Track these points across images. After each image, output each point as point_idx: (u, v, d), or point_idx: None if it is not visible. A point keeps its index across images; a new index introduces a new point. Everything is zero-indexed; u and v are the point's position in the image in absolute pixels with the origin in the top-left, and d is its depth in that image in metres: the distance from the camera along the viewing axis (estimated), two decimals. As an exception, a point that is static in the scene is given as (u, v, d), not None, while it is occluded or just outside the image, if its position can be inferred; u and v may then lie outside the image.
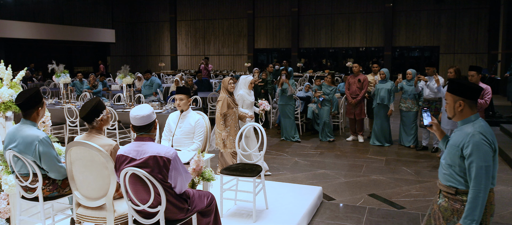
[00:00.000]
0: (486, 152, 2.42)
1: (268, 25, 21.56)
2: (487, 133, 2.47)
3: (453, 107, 2.59)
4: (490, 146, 2.43)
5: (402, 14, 19.19)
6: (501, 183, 5.70)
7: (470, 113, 2.55)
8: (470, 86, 2.53)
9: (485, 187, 2.41)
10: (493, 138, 2.48)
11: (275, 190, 4.98)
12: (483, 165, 2.40)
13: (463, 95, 2.54)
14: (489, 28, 17.62)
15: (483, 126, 2.49)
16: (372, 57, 20.71)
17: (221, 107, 5.52)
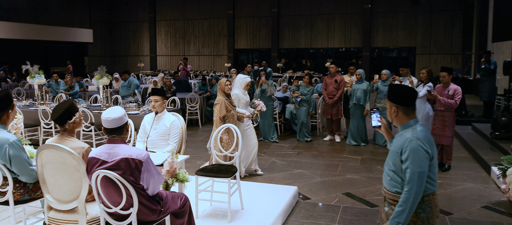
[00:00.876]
0: (422, 158, 2.42)
1: (248, 25, 21.60)
2: (424, 138, 2.46)
3: (390, 112, 2.62)
4: (426, 152, 2.43)
5: (380, 15, 19.52)
6: (471, 180, 5.89)
7: (406, 119, 2.55)
8: (402, 93, 2.53)
9: (416, 193, 2.40)
10: (430, 144, 2.48)
11: (251, 190, 5.02)
12: (417, 170, 2.40)
13: (395, 101, 2.55)
14: (463, 29, 18.09)
15: (422, 131, 2.49)
16: (351, 57, 21.00)
17: (220, 110, 5.44)
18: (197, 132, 9.56)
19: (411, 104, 2.54)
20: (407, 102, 2.53)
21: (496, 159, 6.25)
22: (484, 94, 10.29)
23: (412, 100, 2.54)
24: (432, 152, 2.48)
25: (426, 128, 2.56)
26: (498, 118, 7.65)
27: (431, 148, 2.48)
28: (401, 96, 2.53)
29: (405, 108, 2.54)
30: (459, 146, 8.02)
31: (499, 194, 5.29)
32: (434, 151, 2.50)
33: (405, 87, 2.56)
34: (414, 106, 2.55)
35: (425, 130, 2.51)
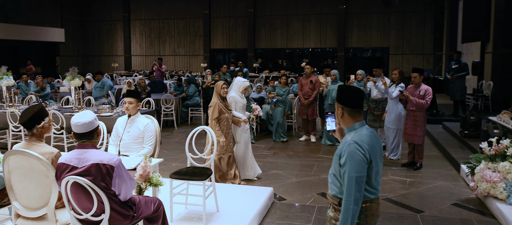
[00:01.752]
0: (359, 162, 2.30)
1: (225, 25, 21.54)
2: (363, 142, 2.34)
3: (336, 114, 2.52)
4: (364, 156, 2.31)
5: (355, 16, 19.81)
6: (441, 178, 6.05)
7: (351, 121, 2.45)
8: (348, 94, 2.44)
9: (356, 199, 2.29)
10: (372, 148, 2.35)
11: (226, 192, 5.01)
12: (354, 175, 2.29)
13: (341, 102, 2.45)
14: (434, 30, 18.58)
15: (363, 135, 2.38)
16: (326, 57, 21.25)
17: (212, 112, 5.37)
18: (172, 133, 9.46)
19: (357, 106, 2.43)
20: (353, 103, 2.42)
21: (465, 157, 6.44)
22: (456, 93, 10.58)
23: (358, 102, 2.43)
24: (371, 157, 2.35)
25: (373, 131, 2.45)
26: (467, 117, 7.89)
27: (372, 152, 2.35)
28: (347, 98, 2.43)
29: (351, 110, 2.44)
30: (430, 145, 8.23)
31: (468, 191, 5.45)
32: (376, 155, 2.37)
33: (353, 88, 2.45)
34: (360, 109, 2.44)
35: (369, 134, 2.39)
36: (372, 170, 2.37)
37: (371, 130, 2.45)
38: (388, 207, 4.94)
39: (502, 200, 4.68)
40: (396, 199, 5.20)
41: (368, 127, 2.46)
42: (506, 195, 4.63)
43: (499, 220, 4.49)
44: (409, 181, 5.94)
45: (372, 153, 2.36)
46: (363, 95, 2.45)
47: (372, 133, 2.44)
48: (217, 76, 9.88)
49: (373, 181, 2.39)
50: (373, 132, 2.46)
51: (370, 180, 2.38)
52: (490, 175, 4.75)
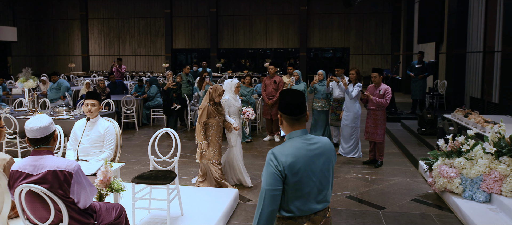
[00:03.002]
0: (270, 175, 2.11)
1: (187, 25, 21.28)
2: (282, 154, 2.13)
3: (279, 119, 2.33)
4: (276, 168, 2.10)
5: (316, 17, 20.13)
6: (401, 175, 6.25)
7: (289, 129, 2.25)
8: (287, 101, 2.23)
9: (266, 213, 2.11)
10: (292, 161, 2.11)
11: (191, 195, 4.93)
12: (265, 188, 2.11)
13: (280, 109, 2.27)
14: (392, 31, 19.22)
15: (288, 146, 2.17)
16: (289, 57, 21.47)
17: (200, 116, 5.12)
18: (133, 136, 9.22)
19: (294, 113, 2.21)
20: (290, 111, 2.22)
21: (423, 154, 6.69)
22: (418, 93, 10.96)
23: (297, 109, 2.21)
24: (288, 171, 2.11)
25: (309, 144, 2.20)
26: (424, 115, 8.19)
27: (291, 167, 2.11)
28: (285, 104, 2.23)
29: (288, 118, 2.23)
30: (390, 142, 8.48)
31: (427, 187, 5.66)
32: (300, 172, 2.13)
33: (293, 94, 2.25)
34: (299, 116, 2.22)
35: (298, 147, 2.16)
36: (290, 186, 2.13)
37: (307, 143, 2.19)
38: (351, 205, 5.03)
39: (458, 194, 4.89)
40: (359, 197, 5.31)
41: (307, 138, 2.22)
42: (461, 189, 4.84)
43: (455, 214, 4.69)
44: (371, 178, 6.09)
45: (291, 168, 2.11)
46: (302, 102, 2.23)
47: (306, 145, 2.18)
48: (179, 78, 9.71)
49: (290, 200, 2.14)
50: (310, 145, 2.19)
51: (286, 197, 2.15)
52: (446, 170, 4.94)
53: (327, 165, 2.24)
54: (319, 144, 2.23)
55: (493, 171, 4.66)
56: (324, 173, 2.22)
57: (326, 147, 2.26)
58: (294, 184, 2.13)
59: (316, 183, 2.18)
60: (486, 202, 4.68)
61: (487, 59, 10.21)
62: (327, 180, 2.25)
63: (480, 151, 4.85)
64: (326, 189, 2.24)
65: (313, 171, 2.17)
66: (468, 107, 10.50)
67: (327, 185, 2.25)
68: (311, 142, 2.22)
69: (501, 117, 7.54)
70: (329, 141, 2.30)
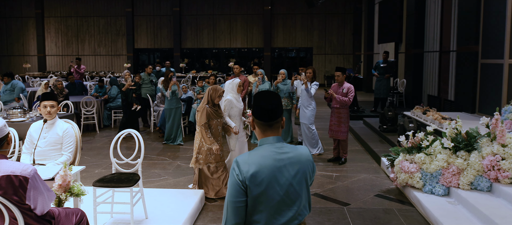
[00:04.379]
0: (232, 185, 1.91)
1: (149, 24, 20.86)
2: (245, 163, 1.91)
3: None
4: (237, 179, 1.90)
5: (280, 17, 20.29)
6: (364, 171, 6.38)
7: (260, 135, 2.03)
8: (258, 105, 2.01)
9: None
10: (256, 171, 1.89)
11: (155, 197, 4.82)
12: (227, 199, 1.92)
13: (253, 113, 2.04)
14: (354, 31, 19.67)
15: (254, 155, 1.95)
16: (253, 57, 21.51)
17: (200, 118, 4.84)
18: (94, 138, 8.92)
19: (266, 119, 1.99)
20: (261, 115, 2.00)
21: (385, 151, 6.87)
22: (382, 91, 11.26)
23: (268, 115, 1.99)
24: (250, 182, 1.89)
25: (278, 153, 1.95)
26: (385, 112, 8.43)
27: (253, 177, 1.89)
28: (256, 108, 2.02)
29: (260, 123, 2.01)
30: (353, 140, 8.66)
31: (389, 182, 5.81)
32: (264, 184, 1.89)
33: (265, 97, 2.01)
34: (272, 123, 1.99)
35: (265, 155, 1.93)
36: (252, 199, 1.90)
37: (276, 152, 1.96)
38: (317, 202, 5.09)
39: (418, 188, 5.05)
40: (324, 194, 5.37)
41: (278, 146, 1.98)
42: (422, 184, 5.00)
43: (416, 207, 4.84)
44: (335, 175, 6.19)
45: (254, 178, 1.89)
46: (277, 107, 2.00)
47: (274, 154, 1.95)
48: (137, 77, 9.42)
49: (253, 214, 1.92)
50: (279, 154, 1.95)
51: (249, 211, 1.92)
52: (407, 166, 5.10)
53: (299, 177, 1.96)
54: (292, 153, 1.98)
55: (451, 165, 4.84)
56: (294, 187, 1.94)
57: (301, 157, 1.99)
58: (257, 196, 1.90)
59: (283, 197, 1.92)
60: (445, 195, 4.86)
61: (443, 59, 10.65)
62: (297, 195, 1.96)
63: (439, 146, 5.03)
64: (297, 205, 1.96)
65: (280, 184, 1.92)
66: (426, 104, 10.90)
67: (297, 200, 1.96)
68: (282, 150, 1.97)
69: (457, 114, 7.88)
70: (306, 152, 2.03)
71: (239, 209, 1.90)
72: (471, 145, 4.88)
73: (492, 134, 4.86)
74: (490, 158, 4.60)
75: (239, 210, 1.90)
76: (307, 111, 7.08)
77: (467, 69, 8.61)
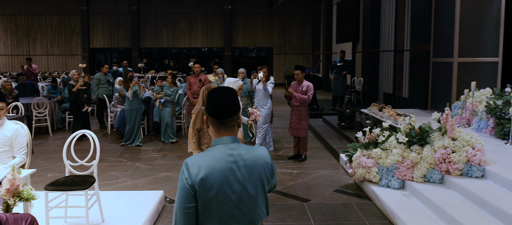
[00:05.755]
0: (181, 189, 1.76)
1: (105, 23, 20.23)
2: (195, 165, 1.76)
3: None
4: (185, 182, 1.74)
5: (240, 16, 20.29)
6: (324, 168, 6.50)
7: (215, 134, 1.88)
8: (211, 102, 1.86)
9: None
10: (205, 174, 1.73)
11: (112, 200, 4.66)
12: (176, 204, 1.77)
13: (206, 109, 1.90)
14: (313, 31, 20.01)
15: (206, 156, 1.79)
16: (214, 57, 21.38)
17: (194, 121, 4.40)
18: (47, 140, 8.53)
19: (219, 116, 1.84)
20: (214, 112, 1.85)
21: (343, 147, 7.03)
22: (339, 89, 11.51)
23: (221, 112, 1.84)
24: (199, 186, 1.73)
25: (227, 154, 1.80)
26: (343, 110, 8.62)
27: (204, 182, 1.73)
28: (209, 105, 1.87)
29: (213, 121, 1.86)
30: (313, 137, 8.80)
31: (347, 177, 5.94)
32: (215, 188, 1.74)
33: (222, 92, 1.87)
34: (226, 120, 1.85)
35: (216, 157, 1.79)
36: (202, 205, 1.76)
37: (228, 153, 1.81)
38: (278, 199, 5.12)
39: (375, 183, 5.20)
40: (285, 191, 5.41)
41: (232, 147, 1.83)
42: (378, 178, 5.15)
43: (373, 201, 4.98)
44: (296, 172, 6.25)
45: (203, 182, 1.73)
46: (231, 103, 1.86)
47: (227, 156, 1.80)
48: (86, 77, 9.07)
49: (204, 222, 1.78)
50: (232, 156, 1.80)
51: (202, 217, 1.78)
52: (365, 161, 5.23)
53: (255, 181, 1.81)
54: (247, 155, 1.82)
55: (406, 159, 5.02)
56: (248, 191, 1.79)
57: (257, 160, 1.84)
58: (208, 201, 1.75)
59: (237, 202, 1.77)
60: (400, 188, 5.03)
61: (397, 58, 11.04)
62: (252, 200, 1.81)
63: (394, 141, 5.20)
64: (253, 210, 1.82)
65: (233, 189, 1.77)
66: (382, 102, 11.26)
67: (253, 205, 1.81)
68: (236, 152, 1.81)
69: (411, 110, 8.19)
70: (264, 153, 1.89)
71: (188, 215, 1.75)
72: (424, 139, 5.08)
73: (443, 129, 5.08)
74: (442, 151, 4.81)
75: (189, 216, 1.76)
76: (263, 111, 7.11)
77: (420, 68, 8.98)
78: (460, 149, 4.77)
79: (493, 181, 4.49)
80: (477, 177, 4.64)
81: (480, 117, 6.44)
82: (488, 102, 6.28)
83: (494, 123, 6.07)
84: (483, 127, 6.32)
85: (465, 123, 6.86)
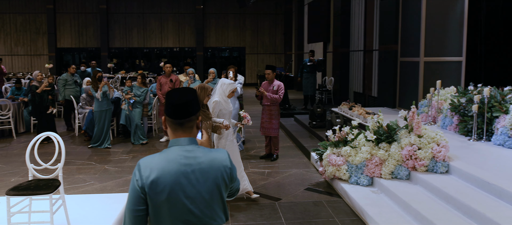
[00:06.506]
0: (131, 190, 1.70)
1: (73, 22, 19.69)
2: (146, 167, 1.70)
3: None
4: (136, 184, 1.69)
5: (212, 16, 20.18)
6: (295, 166, 6.54)
7: (172, 135, 1.81)
8: (168, 101, 1.80)
9: None
10: (157, 176, 1.67)
11: (79, 204, 4.54)
12: (126, 206, 1.72)
13: (164, 110, 1.84)
14: (285, 31, 20.14)
15: (158, 158, 1.73)
16: (186, 57, 21.19)
17: None
18: (10, 144, 8.22)
19: (175, 116, 1.78)
20: (170, 112, 1.79)
21: (314, 146, 7.09)
22: (309, 89, 11.62)
23: (178, 112, 1.77)
24: (149, 189, 1.67)
25: (182, 156, 1.74)
26: (314, 109, 8.72)
27: (155, 184, 1.67)
28: (166, 104, 1.81)
29: (170, 121, 1.80)
30: (284, 137, 8.85)
31: (318, 176, 6.01)
32: (163, 189, 1.67)
33: (180, 92, 1.81)
34: (183, 121, 1.78)
35: (170, 159, 1.72)
36: (153, 209, 1.69)
37: (183, 155, 1.74)
38: (249, 199, 5.11)
39: (345, 180, 5.28)
40: (256, 190, 5.41)
41: (188, 149, 1.76)
42: (348, 175, 5.23)
43: (343, 198, 5.05)
44: (267, 171, 6.27)
45: (154, 185, 1.67)
46: (189, 102, 1.79)
47: (181, 158, 1.73)
48: (51, 79, 8.78)
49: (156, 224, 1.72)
50: (187, 158, 1.73)
51: (153, 221, 1.71)
52: (335, 159, 5.30)
53: (210, 186, 1.73)
54: (203, 158, 1.74)
55: (374, 157, 5.12)
56: (203, 196, 1.71)
57: (214, 163, 1.76)
58: (158, 205, 1.67)
59: (191, 207, 1.70)
60: (369, 185, 5.13)
61: (367, 57, 11.25)
62: (207, 205, 1.73)
63: (363, 139, 5.29)
64: (209, 217, 1.74)
65: (186, 192, 1.69)
66: (352, 101, 11.45)
67: (209, 212, 1.73)
68: (192, 154, 1.74)
69: (380, 108, 8.36)
70: (222, 157, 1.81)
71: (138, 218, 1.69)
72: (391, 137, 5.20)
73: (410, 126, 5.21)
74: (408, 148, 4.93)
75: (139, 220, 1.69)
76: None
77: (388, 67, 9.18)
78: (426, 146, 4.90)
79: (457, 176, 4.64)
80: (442, 172, 4.78)
81: (445, 115, 6.65)
82: (452, 100, 6.48)
83: (458, 120, 6.28)
84: (448, 124, 6.53)
85: (431, 120, 7.06)
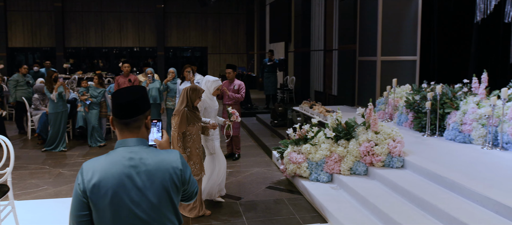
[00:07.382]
0: (74, 195, 1.64)
1: (26, 20, 18.81)
2: (88, 168, 1.63)
3: None
4: (78, 188, 1.61)
5: (173, 15, 19.88)
6: (256, 165, 6.55)
7: (119, 135, 1.72)
8: (113, 100, 1.73)
9: None
10: (92, 177, 1.60)
11: (31, 210, 4.33)
12: (70, 212, 1.65)
13: (111, 110, 1.78)
14: (247, 31, 20.17)
15: (103, 161, 1.65)
16: (146, 57, 20.77)
17: (179, 124, 4.07)
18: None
19: (120, 115, 1.69)
20: (116, 112, 1.71)
21: (275, 144, 7.13)
22: (270, 88, 11.69)
23: (123, 111, 1.68)
24: (91, 194, 1.59)
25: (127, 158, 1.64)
26: (276, 108, 8.77)
27: (98, 188, 1.59)
28: (112, 104, 1.75)
29: (116, 121, 1.71)
30: (246, 136, 8.85)
31: (279, 174, 6.04)
32: (106, 193, 1.59)
33: (127, 90, 1.72)
34: (128, 120, 1.69)
35: (115, 162, 1.63)
36: (97, 214, 1.61)
37: (128, 157, 1.65)
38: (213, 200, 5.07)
39: (305, 177, 5.33)
40: (218, 190, 5.37)
41: (134, 151, 1.66)
42: (308, 173, 5.29)
43: (304, 195, 5.11)
44: (229, 171, 6.23)
45: (96, 189, 1.59)
46: (135, 101, 1.70)
47: (126, 160, 1.64)
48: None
49: None
50: (132, 160, 1.64)
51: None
52: (295, 157, 5.35)
53: (157, 188, 1.64)
54: (150, 160, 1.65)
55: (333, 154, 5.21)
56: (150, 200, 1.63)
57: (161, 165, 1.66)
58: (102, 210, 1.59)
59: (136, 211, 1.61)
60: (328, 181, 5.21)
61: (327, 57, 11.46)
62: (155, 209, 1.64)
63: (323, 136, 5.38)
64: (157, 221, 1.66)
65: (130, 196, 1.61)
66: (313, 100, 11.63)
67: (157, 216, 1.65)
68: (137, 156, 1.64)
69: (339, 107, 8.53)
70: (172, 158, 1.72)
71: (81, 224, 1.62)
72: (350, 134, 5.31)
73: (367, 123, 5.35)
74: (366, 145, 5.05)
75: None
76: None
77: (347, 66, 9.39)
78: (382, 142, 5.04)
79: (411, 170, 4.80)
80: (397, 167, 4.94)
81: (401, 112, 6.88)
82: (407, 97, 6.72)
83: (413, 117, 6.51)
84: (404, 121, 6.76)
85: (388, 117, 7.29)
